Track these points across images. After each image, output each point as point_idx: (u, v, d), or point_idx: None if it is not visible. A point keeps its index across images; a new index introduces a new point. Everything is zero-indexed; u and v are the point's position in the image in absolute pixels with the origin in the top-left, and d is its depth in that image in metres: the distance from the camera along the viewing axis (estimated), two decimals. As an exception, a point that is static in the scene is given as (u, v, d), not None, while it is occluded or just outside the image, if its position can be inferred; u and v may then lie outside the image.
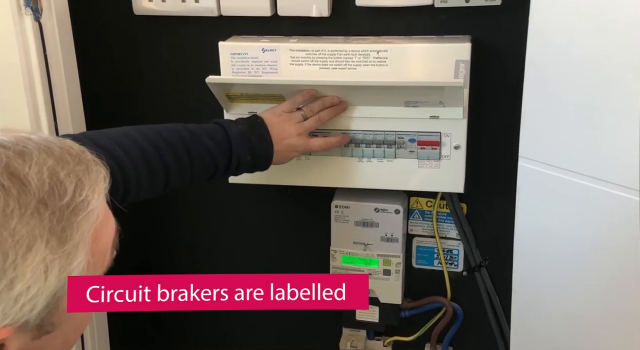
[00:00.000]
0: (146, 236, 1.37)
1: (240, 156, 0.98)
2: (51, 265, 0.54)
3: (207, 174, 0.98)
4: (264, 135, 1.01)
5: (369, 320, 1.27)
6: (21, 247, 0.52)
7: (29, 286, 0.53)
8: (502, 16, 1.05)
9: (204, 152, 0.95)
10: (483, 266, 1.22)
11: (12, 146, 0.56)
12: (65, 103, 1.13)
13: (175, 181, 0.94)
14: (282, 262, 1.33)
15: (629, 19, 0.76)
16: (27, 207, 0.53)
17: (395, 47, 1.05)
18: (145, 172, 0.89)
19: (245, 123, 1.01)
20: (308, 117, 1.05)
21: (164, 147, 0.92)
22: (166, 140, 0.93)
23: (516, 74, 0.91)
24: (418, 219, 1.24)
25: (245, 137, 0.99)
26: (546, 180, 0.88)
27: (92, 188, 0.58)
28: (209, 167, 0.97)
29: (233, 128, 0.99)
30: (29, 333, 0.56)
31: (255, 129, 1.00)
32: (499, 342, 1.25)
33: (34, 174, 0.54)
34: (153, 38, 1.20)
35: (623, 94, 0.78)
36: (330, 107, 1.06)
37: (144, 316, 1.44)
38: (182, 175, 0.94)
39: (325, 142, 1.08)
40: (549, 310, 0.95)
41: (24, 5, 1.03)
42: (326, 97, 1.06)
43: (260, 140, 1.00)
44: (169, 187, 0.95)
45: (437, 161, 1.09)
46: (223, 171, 0.99)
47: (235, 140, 0.98)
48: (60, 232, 0.54)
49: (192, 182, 0.97)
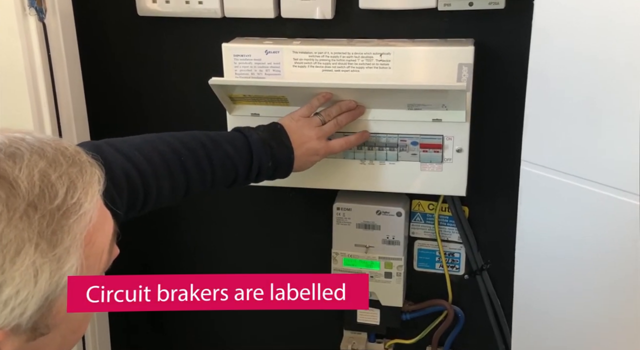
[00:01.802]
0: (147, 236, 1.37)
1: (261, 162, 0.98)
2: (41, 269, 0.53)
3: (228, 181, 0.98)
4: (284, 141, 1.00)
5: (370, 322, 1.27)
6: (9, 251, 0.52)
7: (18, 290, 0.52)
8: (506, 20, 1.05)
9: (224, 158, 0.95)
10: (484, 269, 1.22)
11: (3, 148, 0.55)
12: (69, 103, 1.13)
13: (196, 187, 0.94)
14: (283, 264, 1.33)
15: (632, 23, 0.75)
16: (15, 210, 0.52)
17: (399, 50, 1.05)
18: (166, 178, 0.89)
19: (266, 129, 1.01)
20: (326, 122, 1.05)
21: (185, 152, 0.92)
22: (187, 146, 0.92)
23: (519, 77, 0.91)
24: (420, 222, 1.24)
25: (265, 143, 0.98)
26: (548, 184, 0.88)
27: (85, 190, 0.57)
28: (229, 174, 0.96)
29: (253, 134, 0.99)
30: (23, 335, 0.56)
31: (275, 135, 1.00)
32: (500, 346, 1.25)
33: (24, 176, 0.54)
34: (156, 39, 1.20)
35: (626, 98, 0.78)
36: (348, 111, 1.06)
37: (144, 316, 1.44)
38: (203, 181, 0.94)
39: (345, 142, 1.07)
40: (551, 314, 0.95)
41: (28, 5, 1.04)
42: (343, 101, 1.06)
43: (281, 146, 1.00)
44: (190, 194, 0.95)
45: (440, 164, 1.09)
46: (244, 178, 0.98)
47: (256, 146, 0.97)
48: (50, 236, 0.54)
49: (213, 188, 0.97)
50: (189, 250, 1.37)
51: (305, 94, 1.05)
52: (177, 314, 1.43)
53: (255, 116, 1.11)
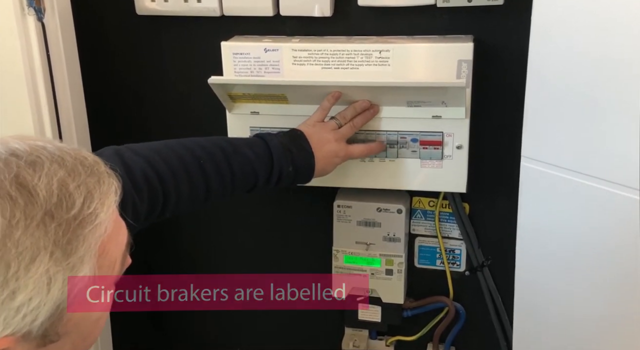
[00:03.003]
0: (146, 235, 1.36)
1: (282, 167, 0.98)
2: (54, 277, 0.53)
3: (248, 185, 0.98)
4: (304, 145, 1.01)
5: (372, 320, 1.27)
6: (24, 259, 0.52)
7: (30, 297, 0.53)
8: (505, 16, 1.05)
9: (244, 162, 0.95)
10: (485, 266, 1.22)
11: (24, 156, 0.56)
12: (68, 103, 1.13)
13: (216, 192, 0.94)
14: (284, 261, 1.33)
15: (631, 19, 0.75)
16: (33, 218, 0.53)
17: (398, 47, 1.04)
18: (184, 181, 0.89)
19: (285, 135, 1.01)
20: (342, 125, 1.05)
21: (204, 156, 0.92)
22: (206, 150, 0.93)
23: (518, 73, 0.91)
24: (420, 219, 1.24)
25: (286, 148, 0.98)
26: (548, 180, 0.88)
27: (101, 201, 0.58)
28: (249, 178, 0.96)
29: (274, 140, 0.99)
30: (33, 342, 0.56)
31: (295, 140, 1.01)
32: (502, 342, 1.25)
33: (43, 185, 0.54)
34: (155, 38, 1.20)
35: (625, 94, 0.78)
36: (362, 113, 1.06)
37: (145, 314, 1.44)
38: (222, 186, 0.94)
39: (366, 148, 1.07)
40: (552, 310, 0.95)
41: (26, 5, 1.03)
42: (357, 103, 1.06)
43: (301, 151, 1.00)
44: (210, 199, 0.95)
45: (440, 161, 1.09)
46: (264, 183, 0.98)
47: (276, 151, 0.97)
48: (65, 245, 0.54)
49: (233, 193, 0.97)
50: (189, 249, 1.37)
51: (305, 91, 1.05)
52: (177, 313, 1.43)
53: (254, 114, 1.11)
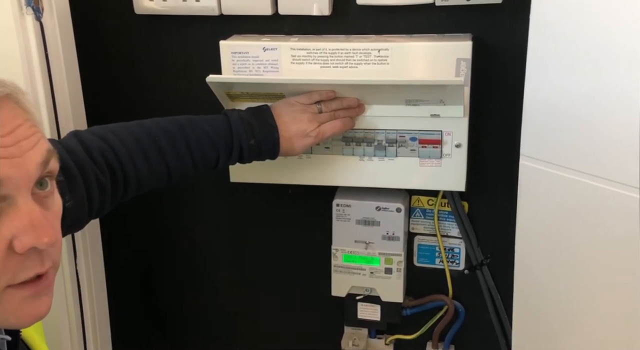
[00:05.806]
0: (146, 235, 1.37)
1: (241, 140, 0.99)
2: None
3: (211, 160, 0.99)
4: (267, 120, 1.01)
5: (371, 318, 1.27)
6: None
7: None
8: (503, 14, 1.05)
9: (202, 136, 0.97)
10: (484, 264, 1.22)
11: None
12: (67, 102, 1.13)
13: (175, 167, 0.96)
14: (283, 260, 1.33)
15: (630, 17, 0.76)
16: None
17: (396, 45, 1.05)
18: (141, 158, 0.92)
19: (249, 110, 1.02)
20: (323, 112, 1.04)
21: (159, 133, 0.95)
22: (162, 128, 0.96)
23: (517, 72, 0.91)
24: (419, 218, 1.24)
25: (245, 121, 1.00)
26: (547, 178, 0.89)
27: None
28: (209, 153, 0.98)
29: (234, 114, 1.00)
30: None
31: (258, 114, 1.01)
32: (501, 340, 1.25)
33: None
34: (154, 37, 1.20)
35: (623, 92, 0.78)
36: (347, 109, 1.06)
37: (145, 313, 1.44)
38: (181, 161, 0.96)
39: (340, 123, 1.05)
40: (551, 308, 0.95)
41: (25, 4, 1.03)
42: (345, 98, 1.06)
43: (263, 125, 1.00)
44: (174, 176, 0.97)
45: (439, 160, 1.09)
46: (227, 157, 1.00)
47: (235, 124, 0.99)
48: None
49: (196, 167, 0.98)
50: (188, 248, 1.37)
51: (304, 90, 1.04)
52: (177, 312, 1.43)
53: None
